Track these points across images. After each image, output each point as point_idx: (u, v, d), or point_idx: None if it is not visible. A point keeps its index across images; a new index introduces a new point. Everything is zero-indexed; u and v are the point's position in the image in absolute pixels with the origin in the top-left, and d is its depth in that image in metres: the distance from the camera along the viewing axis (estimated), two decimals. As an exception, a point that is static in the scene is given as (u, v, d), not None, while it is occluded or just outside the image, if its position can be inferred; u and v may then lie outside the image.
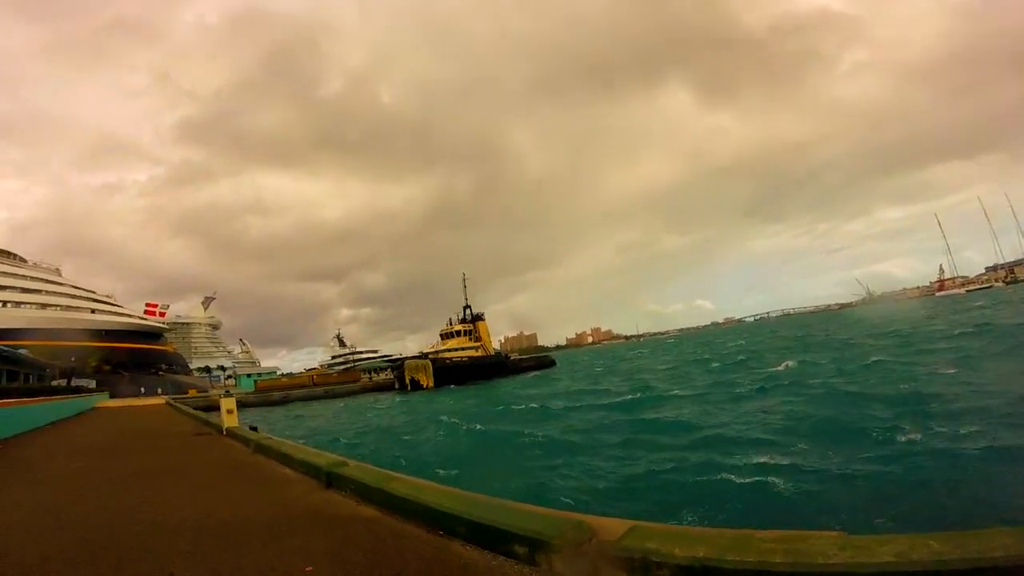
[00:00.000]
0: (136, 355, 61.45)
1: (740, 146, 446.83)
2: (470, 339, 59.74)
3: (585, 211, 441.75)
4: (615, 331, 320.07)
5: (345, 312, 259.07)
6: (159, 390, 53.05)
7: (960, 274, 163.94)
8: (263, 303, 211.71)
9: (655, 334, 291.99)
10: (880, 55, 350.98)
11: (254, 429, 10.75)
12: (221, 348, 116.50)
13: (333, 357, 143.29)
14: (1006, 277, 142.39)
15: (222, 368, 78.11)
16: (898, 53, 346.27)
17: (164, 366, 67.27)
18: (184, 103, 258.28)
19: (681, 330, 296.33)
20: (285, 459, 6.11)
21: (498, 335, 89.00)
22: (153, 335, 70.26)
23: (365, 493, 4.16)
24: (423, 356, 57.04)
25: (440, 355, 55.85)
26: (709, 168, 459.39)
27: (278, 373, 79.01)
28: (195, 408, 26.25)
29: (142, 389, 51.92)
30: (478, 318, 62.45)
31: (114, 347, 58.20)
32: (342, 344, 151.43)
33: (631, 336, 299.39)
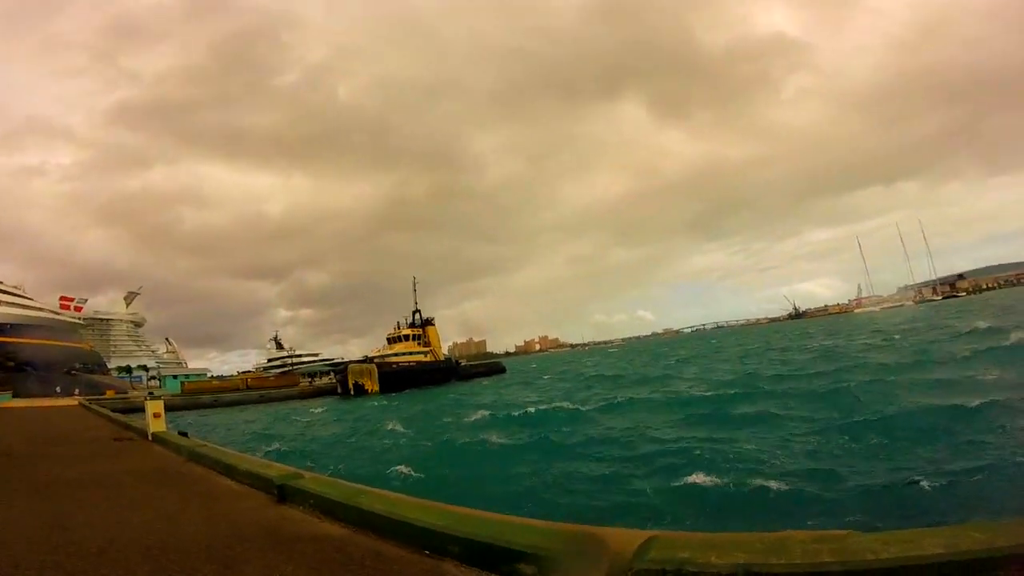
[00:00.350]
0: (46, 352, 55.77)
1: (688, 165, 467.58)
2: (419, 344, 58.51)
3: (539, 221, 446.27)
4: (562, 339, 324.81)
5: (283, 313, 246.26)
6: (75, 390, 48.31)
7: (875, 293, 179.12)
8: (194, 300, 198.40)
9: (600, 343, 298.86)
10: (822, 82, 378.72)
11: (184, 435, 9.80)
12: (144, 347, 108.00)
13: (269, 360, 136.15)
14: (916, 297, 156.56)
15: (144, 368, 72.17)
16: (839, 82, 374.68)
17: (78, 365, 61.46)
18: (124, 85, 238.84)
19: (625, 339, 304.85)
20: (227, 469, 5.46)
21: (447, 340, 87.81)
22: (67, 331, 64.13)
23: (329, 508, 3.68)
24: (368, 360, 55.36)
25: (387, 359, 54.33)
26: (658, 185, 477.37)
27: (208, 376, 73.95)
28: (113, 411, 24.05)
29: (58, 389, 47.14)
30: (428, 323, 61.34)
31: (19, 342, 52.59)
32: (279, 346, 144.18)
33: (576, 345, 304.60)
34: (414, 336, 58.75)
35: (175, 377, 66.29)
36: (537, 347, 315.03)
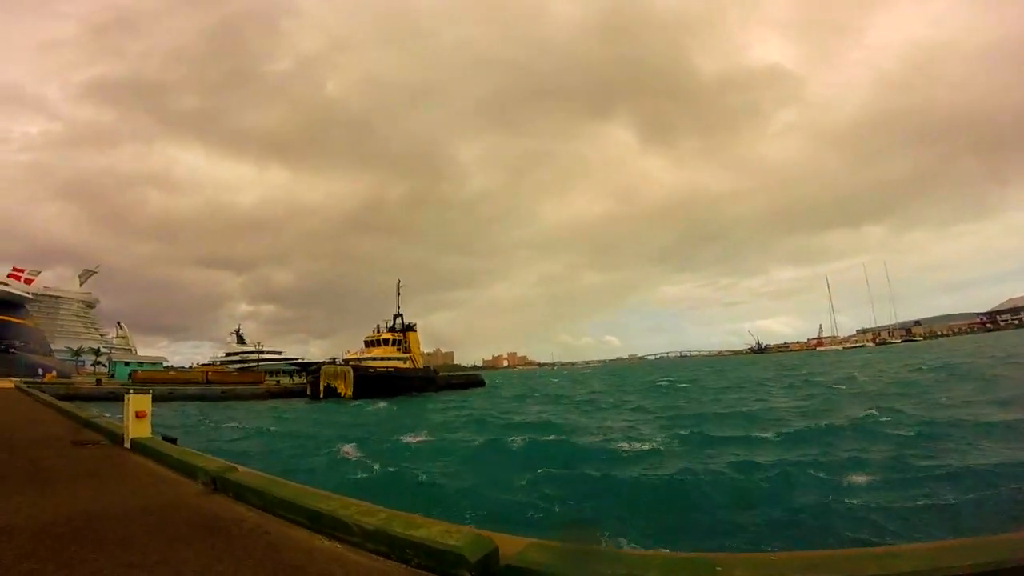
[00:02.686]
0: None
1: (668, 193, 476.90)
2: (398, 349, 55.59)
3: (516, 237, 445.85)
4: (530, 357, 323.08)
5: (244, 307, 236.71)
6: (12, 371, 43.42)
7: (833, 334, 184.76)
8: (149, 286, 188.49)
9: (566, 364, 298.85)
10: (808, 117, 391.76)
11: (171, 440, 7.36)
12: (93, 330, 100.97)
13: (228, 354, 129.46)
14: (875, 339, 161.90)
15: (95, 352, 66.31)
16: (824, 117, 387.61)
17: (18, 343, 55.95)
18: (106, 60, 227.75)
19: (603, 361, 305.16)
20: (311, 518, 3.21)
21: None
22: (10, 304, 58.45)
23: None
24: (343, 362, 52.23)
25: (363, 363, 51.29)
26: (636, 210, 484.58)
27: (164, 365, 68.53)
28: (56, 397, 20.69)
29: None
30: (409, 328, 58.53)
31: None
32: (241, 340, 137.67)
33: (544, 364, 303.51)
34: (394, 341, 55.86)
35: (126, 364, 60.90)
36: (505, 363, 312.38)
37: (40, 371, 52.68)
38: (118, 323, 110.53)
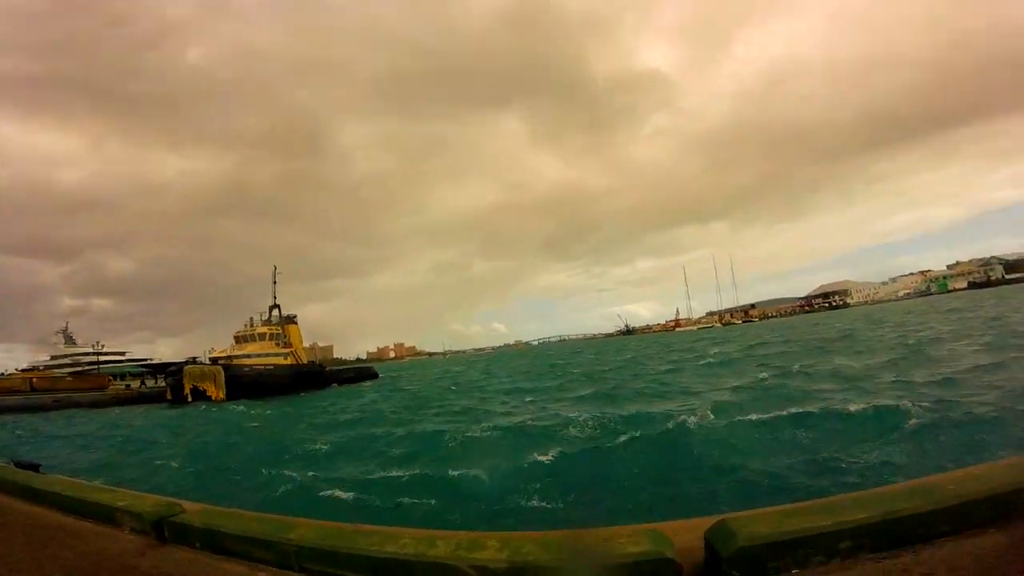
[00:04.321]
0: None
1: (553, 187, 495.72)
2: (277, 344, 50.73)
3: (407, 224, 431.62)
4: (419, 347, 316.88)
5: (68, 302, 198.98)
6: None
7: (687, 316, 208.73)
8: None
9: (456, 352, 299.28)
10: (678, 123, 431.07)
11: (32, 467, 5.64)
12: None
13: (53, 357, 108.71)
14: (721, 320, 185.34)
15: None
16: (692, 123, 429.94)
17: None
18: None
19: (494, 348, 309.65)
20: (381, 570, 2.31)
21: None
22: None
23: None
24: (211, 361, 46.34)
25: (235, 361, 45.99)
26: (524, 202, 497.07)
27: (-32, 374, 54.82)
28: None
29: None
30: (290, 320, 53.64)
31: None
32: (70, 341, 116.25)
33: (434, 353, 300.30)
34: (271, 335, 50.83)
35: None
36: (392, 354, 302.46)
37: None
38: None
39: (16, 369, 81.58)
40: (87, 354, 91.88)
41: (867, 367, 17.42)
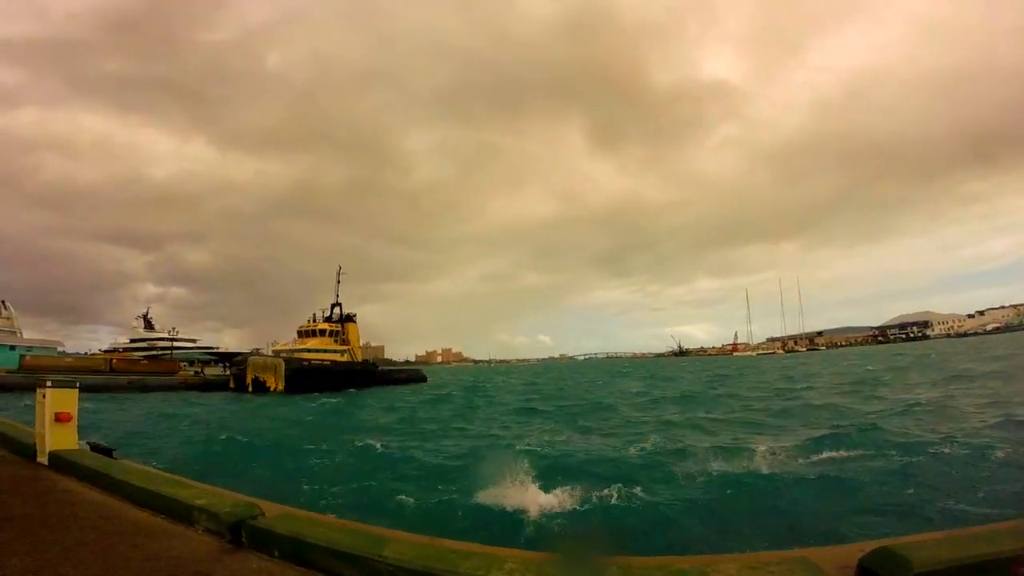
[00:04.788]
0: None
1: (611, 198, 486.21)
2: (336, 341, 52.14)
3: (461, 232, 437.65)
4: (465, 354, 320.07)
5: (151, 289, 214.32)
6: None
7: (744, 341, 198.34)
8: (38, 260, 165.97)
9: (501, 361, 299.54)
10: (747, 134, 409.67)
11: (104, 452, 5.46)
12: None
13: (132, 340, 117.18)
14: (783, 347, 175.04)
15: (-30, 334, 56.75)
16: (762, 134, 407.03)
17: None
18: (27, 19, 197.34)
19: (540, 360, 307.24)
20: None
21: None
22: None
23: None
24: (273, 354, 48.27)
25: (296, 355, 47.58)
26: (580, 214, 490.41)
27: (58, 351, 59.90)
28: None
29: None
30: (349, 319, 55.02)
31: None
32: (149, 326, 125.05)
33: (480, 361, 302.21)
34: (331, 332, 52.32)
35: (12, 348, 52.69)
36: (439, 359, 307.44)
37: None
38: (1, 301, 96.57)
39: (99, 350, 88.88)
40: (162, 339, 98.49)
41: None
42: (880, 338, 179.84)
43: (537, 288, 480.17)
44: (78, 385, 5.35)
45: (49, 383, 5.09)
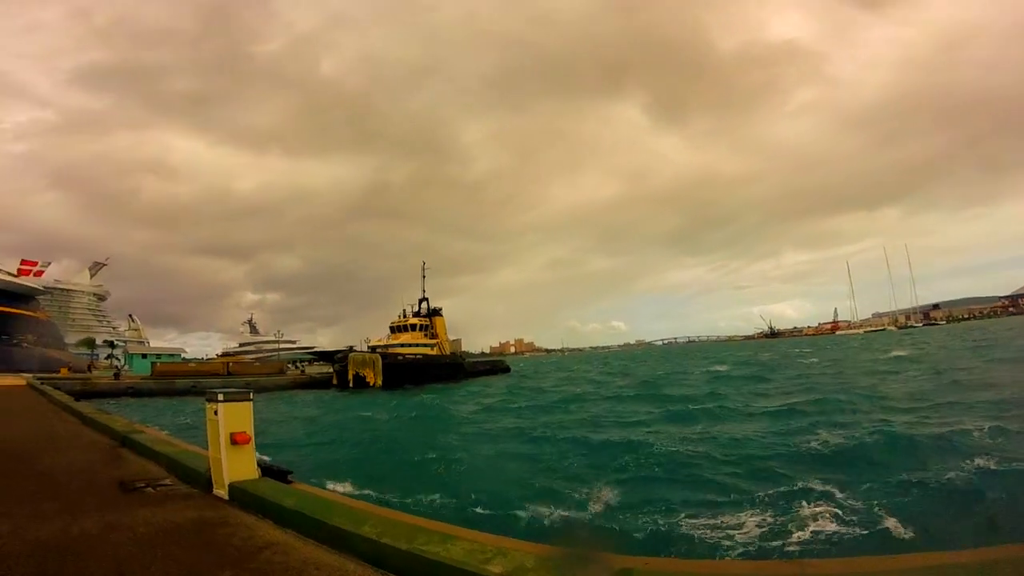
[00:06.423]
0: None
1: (679, 174, 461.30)
2: (426, 335, 52.73)
3: (523, 220, 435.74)
4: (536, 343, 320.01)
5: (250, 296, 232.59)
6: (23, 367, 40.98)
7: (844, 319, 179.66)
8: (154, 276, 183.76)
9: (573, 350, 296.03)
10: (828, 96, 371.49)
11: (282, 475, 4.42)
12: (105, 322, 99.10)
13: (241, 344, 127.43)
14: (897, 322, 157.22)
15: (110, 344, 63.80)
16: (844, 96, 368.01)
17: (31, 336, 53.56)
18: (95, 46, 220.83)
19: (620, 346, 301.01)
20: None
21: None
22: (21, 297, 56.03)
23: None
24: (370, 349, 49.56)
25: (390, 350, 48.53)
26: (646, 192, 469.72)
27: (182, 357, 65.89)
28: (72, 395, 17.99)
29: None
30: (435, 313, 55.51)
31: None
32: (254, 330, 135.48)
33: (552, 350, 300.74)
34: (421, 326, 52.95)
35: (144, 356, 58.36)
36: (512, 350, 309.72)
37: (55, 366, 50.65)
38: (130, 315, 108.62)
39: (216, 355, 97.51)
40: (268, 342, 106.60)
41: None
42: (1012, 308, 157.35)
43: (605, 272, 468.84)
44: (251, 396, 4.33)
45: (221, 396, 4.12)
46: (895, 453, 9.72)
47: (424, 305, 55.49)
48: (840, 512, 6.64)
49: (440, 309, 56.86)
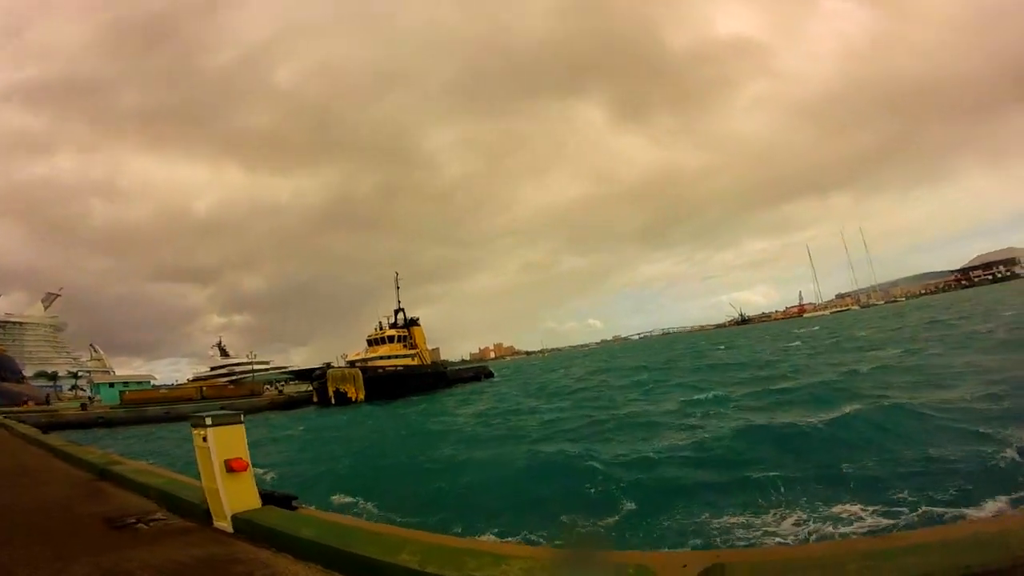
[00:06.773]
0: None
1: (643, 171, 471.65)
2: (405, 345, 52.09)
3: (496, 225, 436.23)
4: (516, 347, 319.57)
5: (217, 319, 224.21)
6: None
7: (810, 301, 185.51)
8: (112, 304, 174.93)
9: (552, 350, 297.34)
10: (778, 89, 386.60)
11: (286, 501, 4.24)
12: (65, 354, 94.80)
13: (213, 368, 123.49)
14: (859, 301, 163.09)
15: (74, 375, 60.76)
16: (793, 88, 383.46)
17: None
18: (31, 63, 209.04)
19: (598, 343, 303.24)
20: None
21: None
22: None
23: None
24: (348, 364, 48.65)
25: (370, 363, 47.73)
26: (613, 191, 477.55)
27: (152, 384, 63.29)
28: (39, 427, 17.02)
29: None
30: (413, 322, 54.95)
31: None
32: (224, 353, 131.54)
33: (532, 352, 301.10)
34: (399, 337, 52.28)
35: (111, 385, 55.86)
36: (492, 355, 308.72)
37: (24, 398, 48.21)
38: (91, 345, 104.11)
39: (188, 379, 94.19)
40: (241, 364, 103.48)
41: None
42: (964, 282, 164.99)
43: (578, 272, 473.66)
44: (242, 418, 4.13)
45: (209, 420, 3.89)
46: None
47: (400, 316, 54.85)
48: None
49: (417, 319, 56.32)
